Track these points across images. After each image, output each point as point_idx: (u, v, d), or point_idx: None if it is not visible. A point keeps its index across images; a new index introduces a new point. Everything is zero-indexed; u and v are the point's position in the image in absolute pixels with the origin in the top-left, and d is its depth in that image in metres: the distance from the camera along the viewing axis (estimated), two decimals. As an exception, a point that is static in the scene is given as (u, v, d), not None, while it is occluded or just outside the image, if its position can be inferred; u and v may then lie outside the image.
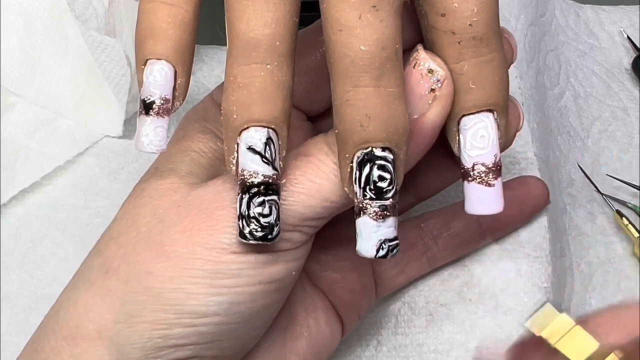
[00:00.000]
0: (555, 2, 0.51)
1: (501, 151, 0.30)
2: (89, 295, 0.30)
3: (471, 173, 0.29)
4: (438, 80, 0.28)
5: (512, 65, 0.44)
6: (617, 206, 0.44)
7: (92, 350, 0.29)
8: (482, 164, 0.29)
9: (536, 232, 0.39)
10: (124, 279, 0.29)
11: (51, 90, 0.46)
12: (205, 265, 0.29)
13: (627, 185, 0.45)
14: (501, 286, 0.38)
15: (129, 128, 0.46)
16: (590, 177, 0.45)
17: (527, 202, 0.39)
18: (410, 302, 0.39)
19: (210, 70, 0.49)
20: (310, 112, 0.36)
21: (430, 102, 0.29)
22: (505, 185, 0.37)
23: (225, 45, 0.28)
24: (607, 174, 0.45)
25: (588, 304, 0.42)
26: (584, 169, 0.45)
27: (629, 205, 0.44)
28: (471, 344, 0.37)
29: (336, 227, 0.29)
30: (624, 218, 0.43)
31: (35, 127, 0.46)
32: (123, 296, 0.29)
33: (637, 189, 0.44)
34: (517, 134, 0.39)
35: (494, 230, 0.39)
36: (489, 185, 0.29)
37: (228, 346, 0.30)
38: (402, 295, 0.40)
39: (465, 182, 0.29)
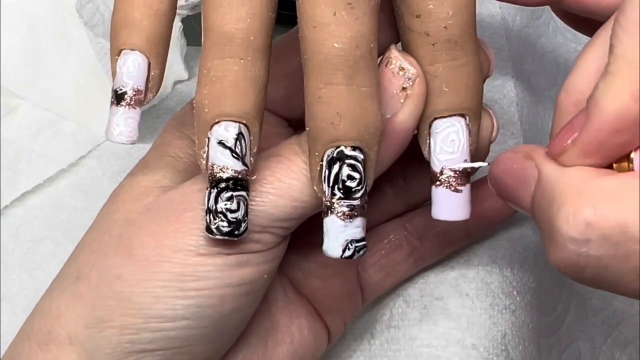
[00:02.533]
0: None
1: (473, 158, 0.30)
2: (61, 301, 0.30)
3: (439, 177, 0.29)
4: (409, 79, 0.28)
5: (509, 66, 0.44)
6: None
7: (63, 356, 0.29)
8: (451, 169, 0.29)
9: (525, 231, 0.39)
10: (94, 284, 0.29)
11: (54, 92, 0.46)
12: (173, 268, 0.28)
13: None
14: (497, 283, 0.38)
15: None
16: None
17: None
18: (405, 294, 0.39)
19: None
20: (291, 118, 0.36)
21: (402, 101, 0.28)
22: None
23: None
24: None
25: (589, 304, 0.42)
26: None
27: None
28: (468, 341, 0.36)
29: (318, 234, 0.29)
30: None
31: (38, 130, 0.46)
32: (93, 301, 0.29)
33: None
34: (510, 134, 0.39)
35: (480, 226, 0.38)
36: (457, 191, 0.29)
37: (199, 351, 0.30)
38: (397, 287, 0.39)
39: (433, 186, 0.29)
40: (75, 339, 0.29)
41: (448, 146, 0.29)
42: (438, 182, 0.29)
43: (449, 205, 0.29)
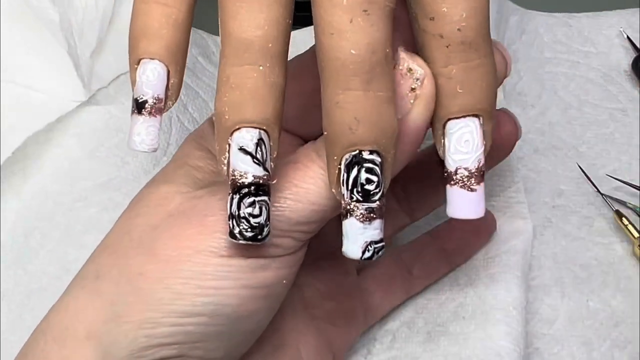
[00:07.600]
0: (539, 19, 0.52)
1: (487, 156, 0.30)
2: (79, 298, 0.31)
3: (454, 177, 0.29)
4: (417, 79, 0.29)
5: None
6: (616, 206, 0.44)
7: (80, 351, 0.30)
8: (465, 169, 0.29)
9: (524, 257, 0.41)
10: (114, 281, 0.30)
11: (18, 64, 0.46)
12: (194, 267, 0.29)
13: (626, 186, 0.45)
14: (492, 302, 0.39)
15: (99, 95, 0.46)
16: (586, 181, 0.45)
17: (481, 228, 0.41)
18: (409, 322, 0.40)
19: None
20: (306, 137, 0.36)
21: (411, 101, 0.29)
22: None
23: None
24: (606, 174, 0.45)
25: (585, 307, 0.42)
26: (578, 175, 0.45)
27: (629, 205, 0.44)
28: (464, 353, 0.38)
29: (330, 257, 0.29)
30: (623, 218, 0.43)
31: (6, 103, 0.45)
32: (113, 297, 0.30)
33: (637, 188, 0.44)
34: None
35: (459, 255, 0.41)
36: (471, 190, 0.29)
37: (213, 348, 0.30)
38: (401, 316, 0.41)
39: (448, 185, 0.30)
40: (93, 334, 0.29)
41: (462, 146, 0.29)
42: (452, 182, 0.30)
43: (464, 204, 0.30)
